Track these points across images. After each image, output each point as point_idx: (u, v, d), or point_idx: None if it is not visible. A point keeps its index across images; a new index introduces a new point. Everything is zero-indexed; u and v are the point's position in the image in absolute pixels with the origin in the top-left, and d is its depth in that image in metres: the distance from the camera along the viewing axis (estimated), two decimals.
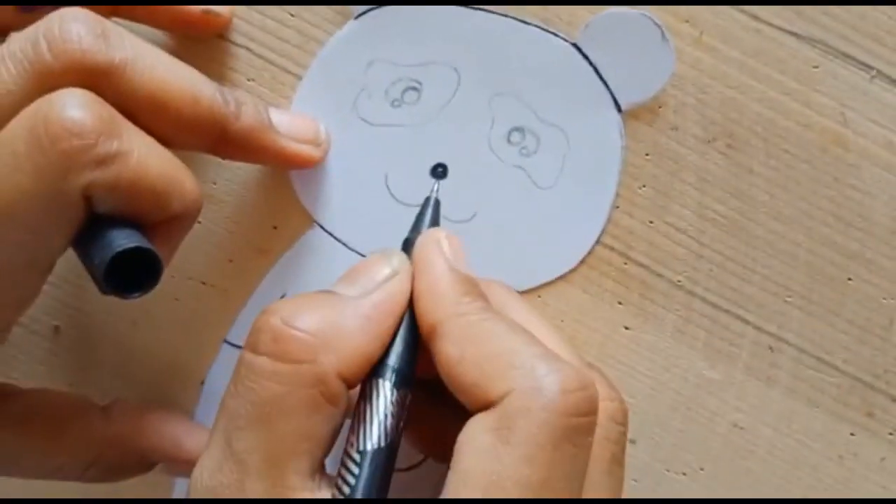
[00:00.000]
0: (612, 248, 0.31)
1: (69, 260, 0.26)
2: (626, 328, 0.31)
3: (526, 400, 0.23)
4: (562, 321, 0.31)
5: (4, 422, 0.28)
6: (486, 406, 0.23)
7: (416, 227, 0.28)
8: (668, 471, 0.32)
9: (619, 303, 0.31)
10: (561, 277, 0.31)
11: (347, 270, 0.26)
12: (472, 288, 0.26)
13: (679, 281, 0.31)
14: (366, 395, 0.25)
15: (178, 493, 0.33)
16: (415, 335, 0.25)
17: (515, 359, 0.24)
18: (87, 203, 0.24)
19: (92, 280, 0.25)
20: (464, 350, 0.24)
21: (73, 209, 0.24)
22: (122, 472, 0.30)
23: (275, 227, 0.32)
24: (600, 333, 0.31)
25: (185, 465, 0.31)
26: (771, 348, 0.31)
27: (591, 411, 0.23)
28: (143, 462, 0.30)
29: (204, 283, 0.32)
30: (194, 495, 0.24)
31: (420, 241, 0.27)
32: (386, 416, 0.24)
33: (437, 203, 0.29)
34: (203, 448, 0.30)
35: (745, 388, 0.31)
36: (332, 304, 0.25)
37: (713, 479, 0.32)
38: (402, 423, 0.25)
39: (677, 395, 0.31)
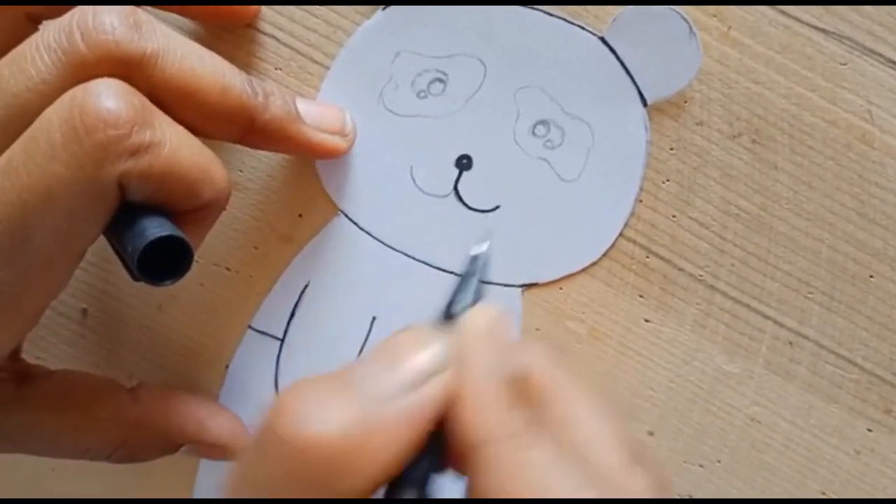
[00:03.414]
0: (634, 242, 0.31)
1: (97, 244, 0.26)
2: (647, 321, 0.32)
3: None
4: (583, 313, 0.32)
5: (36, 402, 0.29)
6: None
7: (459, 297, 0.24)
8: (685, 462, 0.32)
9: (641, 296, 0.32)
10: (583, 270, 0.31)
11: (381, 349, 0.23)
12: (521, 400, 0.22)
13: (700, 275, 0.31)
14: None
15: (202, 474, 0.34)
16: (444, 441, 0.22)
17: None
18: (120, 191, 0.24)
19: (123, 266, 0.26)
20: (504, 488, 0.21)
21: (107, 197, 0.24)
22: (147, 454, 0.31)
23: (300, 216, 0.32)
24: (621, 326, 0.32)
25: (209, 447, 0.31)
26: (791, 343, 0.31)
27: None
28: (168, 444, 0.31)
29: (229, 270, 0.32)
30: None
31: (465, 332, 0.23)
32: None
33: (486, 265, 0.24)
34: (223, 431, 0.31)
35: (763, 383, 0.32)
36: (358, 406, 0.21)
37: (730, 471, 0.32)
38: None
39: (696, 388, 0.32)
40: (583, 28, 0.30)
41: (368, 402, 0.21)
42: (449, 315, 0.24)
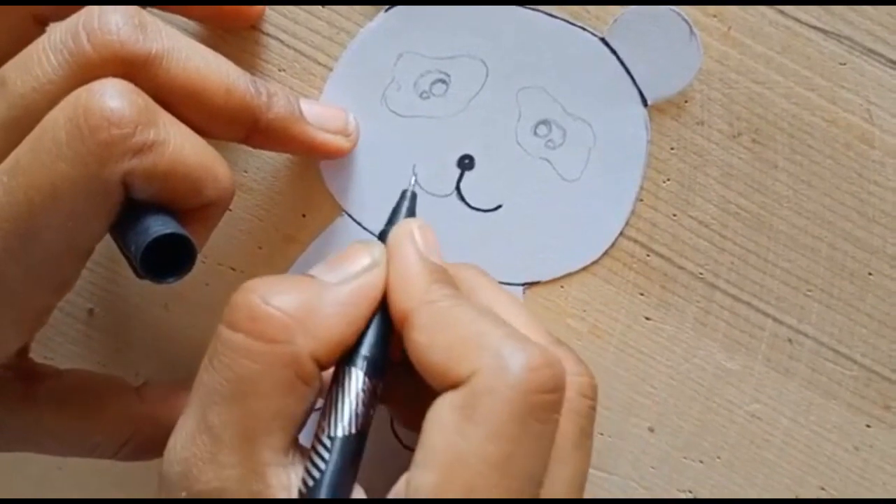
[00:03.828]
0: (635, 241, 0.32)
1: (104, 244, 0.26)
2: (648, 319, 0.32)
3: (492, 379, 0.23)
4: (584, 311, 0.32)
5: (44, 401, 0.29)
6: (454, 387, 0.24)
7: (391, 220, 0.29)
8: (685, 458, 0.32)
9: (641, 294, 0.32)
10: (584, 268, 0.32)
11: (329, 258, 0.27)
12: (442, 276, 0.26)
13: (701, 273, 0.31)
14: (338, 382, 0.25)
15: None
16: (388, 325, 0.26)
17: (482, 340, 0.24)
18: (124, 190, 0.24)
19: (128, 264, 0.26)
20: (433, 336, 0.24)
21: (112, 196, 0.24)
22: (154, 452, 0.31)
23: (304, 216, 0.32)
24: (622, 323, 0.32)
25: None
26: (790, 340, 0.32)
27: (557, 388, 0.24)
28: None
29: (234, 269, 0.33)
30: (167, 466, 0.25)
31: (393, 233, 0.27)
32: (357, 403, 0.25)
33: (414, 195, 0.29)
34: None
35: (763, 380, 0.32)
36: (311, 288, 0.25)
37: (730, 467, 0.32)
38: (372, 411, 0.25)
39: (697, 385, 0.32)
40: (584, 29, 0.30)
41: (318, 288, 0.25)
42: (384, 236, 0.28)
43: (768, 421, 0.32)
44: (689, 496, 0.32)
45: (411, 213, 0.29)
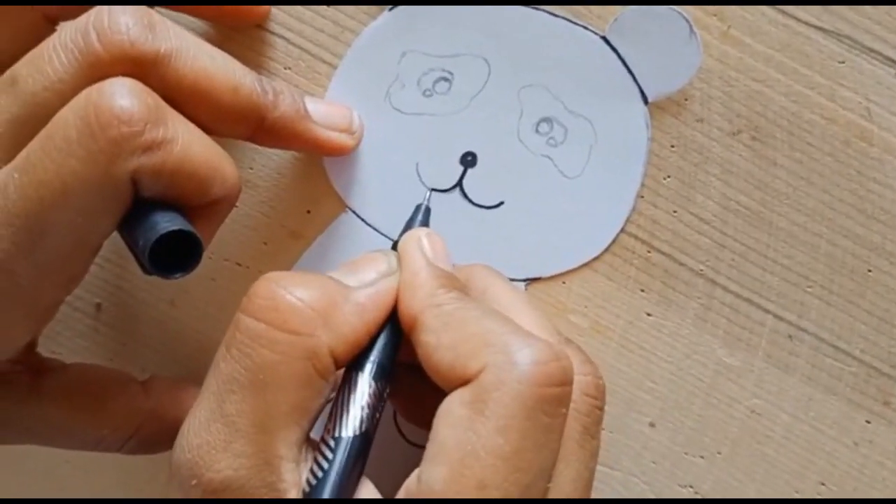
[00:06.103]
0: (636, 237, 0.32)
1: (111, 240, 0.26)
2: (649, 315, 0.32)
3: (500, 373, 0.24)
4: (585, 307, 0.32)
5: (50, 395, 0.29)
6: (464, 385, 0.24)
7: (404, 232, 0.29)
8: (686, 454, 0.33)
9: (642, 290, 0.32)
10: (585, 264, 0.32)
11: (347, 262, 0.28)
12: (448, 281, 0.27)
13: (701, 270, 0.32)
14: (346, 385, 0.26)
15: None
16: (398, 332, 0.26)
17: (489, 337, 0.24)
18: (133, 187, 0.25)
19: (135, 261, 0.26)
20: (440, 337, 0.25)
21: (121, 193, 0.24)
22: (159, 445, 0.31)
23: (308, 212, 0.33)
24: (623, 320, 0.32)
25: None
26: (790, 336, 0.32)
27: (564, 382, 0.24)
28: None
29: (239, 265, 0.33)
30: (178, 452, 0.25)
31: (402, 240, 0.28)
32: (363, 406, 0.25)
33: (428, 210, 0.30)
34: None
35: (763, 375, 0.32)
36: (332, 285, 0.26)
37: (730, 462, 0.32)
38: (378, 415, 0.26)
39: (697, 381, 0.32)
40: (585, 28, 0.31)
41: (338, 287, 0.26)
42: (396, 248, 0.29)
43: (768, 417, 0.32)
44: (690, 491, 0.33)
45: (424, 225, 0.30)
